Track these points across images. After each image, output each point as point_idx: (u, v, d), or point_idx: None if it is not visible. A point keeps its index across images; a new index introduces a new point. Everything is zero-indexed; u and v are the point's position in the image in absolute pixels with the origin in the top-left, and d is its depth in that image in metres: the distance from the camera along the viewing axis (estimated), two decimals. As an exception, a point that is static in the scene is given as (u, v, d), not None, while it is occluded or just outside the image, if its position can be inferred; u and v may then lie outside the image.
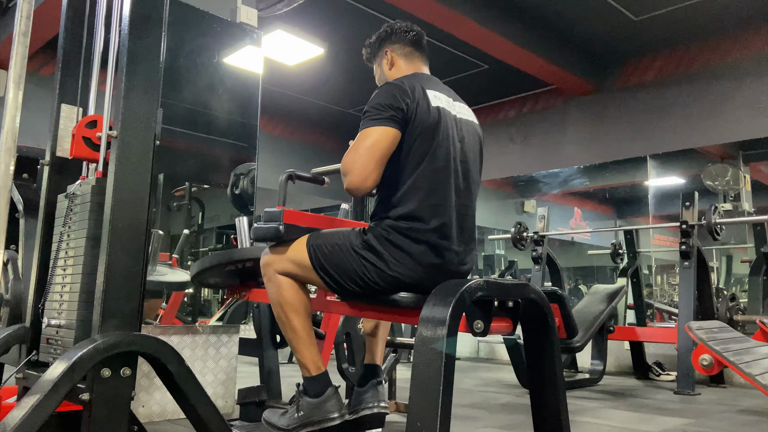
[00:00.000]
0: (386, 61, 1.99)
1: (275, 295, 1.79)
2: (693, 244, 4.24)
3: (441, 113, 1.75)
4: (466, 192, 1.80)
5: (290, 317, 1.76)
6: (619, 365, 5.24)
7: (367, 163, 1.64)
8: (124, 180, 1.53)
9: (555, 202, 9.01)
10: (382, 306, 1.74)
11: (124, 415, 1.46)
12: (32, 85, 3.22)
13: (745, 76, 6.39)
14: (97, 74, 1.84)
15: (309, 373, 1.76)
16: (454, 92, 1.94)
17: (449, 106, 1.82)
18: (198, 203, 4.57)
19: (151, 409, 2.79)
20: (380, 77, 2.02)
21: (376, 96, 1.73)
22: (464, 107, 1.92)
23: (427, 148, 1.70)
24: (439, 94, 1.80)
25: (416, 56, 1.98)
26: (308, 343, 1.77)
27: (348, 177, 1.66)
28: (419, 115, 1.70)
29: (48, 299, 1.74)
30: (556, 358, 1.66)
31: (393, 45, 1.99)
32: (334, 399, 1.75)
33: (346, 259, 1.69)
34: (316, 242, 1.75)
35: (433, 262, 1.67)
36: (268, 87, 7.11)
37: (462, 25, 5.94)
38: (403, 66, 1.96)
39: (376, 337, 2.11)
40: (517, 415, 3.18)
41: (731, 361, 3.20)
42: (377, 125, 1.66)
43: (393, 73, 1.96)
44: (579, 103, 7.60)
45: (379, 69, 2.02)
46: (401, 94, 1.70)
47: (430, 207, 1.68)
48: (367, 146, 1.65)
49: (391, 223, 1.69)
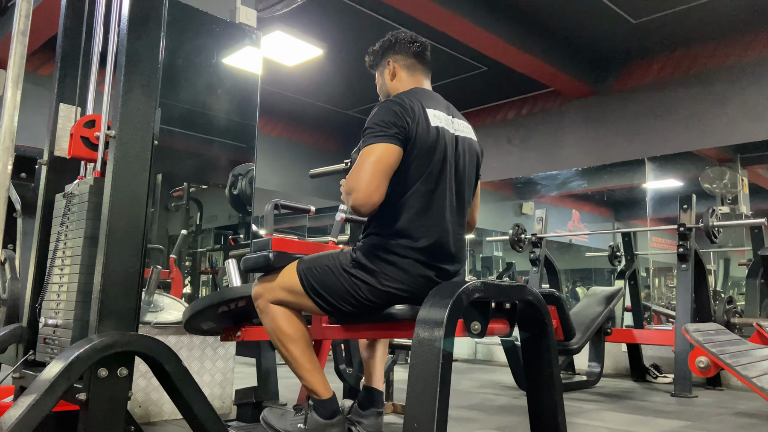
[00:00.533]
0: (388, 71, 1.97)
1: (270, 326, 1.78)
2: (690, 247, 4.25)
3: (439, 133, 1.74)
4: (459, 211, 1.80)
5: (289, 348, 1.75)
6: (616, 367, 5.24)
7: (372, 179, 1.62)
8: (122, 180, 1.53)
9: (553, 204, 9.02)
10: (378, 323, 1.73)
11: (120, 415, 1.46)
12: (31, 85, 3.21)
13: (743, 79, 6.41)
14: (95, 74, 1.84)
15: (319, 397, 1.75)
16: (453, 107, 1.93)
17: (448, 124, 1.80)
18: (196, 203, 4.57)
19: (148, 410, 2.79)
20: (381, 87, 2.00)
21: (378, 113, 1.72)
22: (463, 124, 1.90)
23: (423, 169, 1.70)
24: (438, 113, 1.78)
25: (419, 69, 1.96)
26: (311, 370, 1.75)
27: (353, 195, 1.64)
28: (419, 134, 1.69)
29: (45, 299, 1.73)
30: (554, 359, 1.66)
31: (396, 56, 1.96)
32: (340, 427, 1.74)
33: (337, 280, 1.69)
34: (306, 266, 1.75)
35: (423, 273, 1.67)
36: (267, 88, 7.12)
37: (461, 27, 5.95)
38: (405, 78, 1.94)
39: (374, 359, 2.08)
40: (514, 417, 3.18)
41: (728, 364, 3.20)
42: (381, 142, 1.65)
43: (394, 85, 1.94)
44: (577, 106, 7.61)
45: (381, 78, 2.00)
46: (402, 112, 1.69)
47: (421, 227, 1.68)
48: (371, 162, 1.63)
49: (379, 240, 1.69)
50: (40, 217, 1.86)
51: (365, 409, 2.00)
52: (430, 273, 1.67)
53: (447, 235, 1.73)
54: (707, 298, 4.47)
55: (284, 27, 5.65)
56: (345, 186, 1.71)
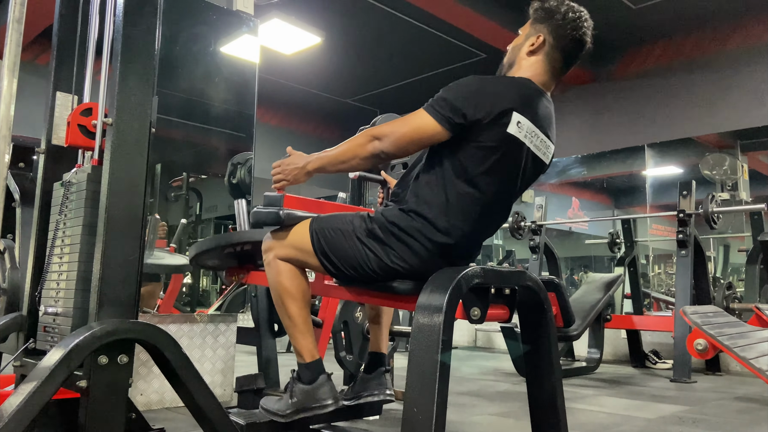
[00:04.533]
0: (531, 42, 1.75)
1: (274, 280, 1.79)
2: (690, 233, 4.25)
3: (510, 143, 1.60)
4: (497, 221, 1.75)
5: (287, 304, 1.76)
6: (615, 354, 5.26)
7: (409, 136, 1.61)
8: (119, 167, 1.52)
9: (553, 192, 9.02)
10: (380, 291, 1.74)
11: (121, 402, 1.47)
12: (27, 74, 3.20)
13: (744, 65, 6.39)
14: (92, 62, 1.83)
15: (303, 360, 1.76)
16: (553, 119, 1.75)
17: (530, 138, 1.64)
18: (195, 193, 4.57)
19: (150, 397, 2.80)
20: (514, 48, 1.80)
21: (456, 85, 1.62)
22: (547, 144, 1.72)
23: (476, 168, 1.60)
24: (525, 121, 1.61)
25: (557, 65, 1.75)
26: (304, 331, 1.76)
27: (387, 138, 1.61)
28: (485, 132, 1.58)
29: (45, 287, 1.74)
30: (553, 346, 1.67)
31: (550, 35, 1.73)
32: (327, 386, 1.74)
33: (347, 245, 1.68)
34: (319, 226, 1.74)
35: (434, 261, 1.64)
36: (265, 76, 7.08)
37: (461, 14, 5.92)
38: (537, 65, 1.74)
39: (379, 325, 2.09)
40: (513, 403, 3.20)
41: (726, 345, 3.20)
42: (435, 119, 1.59)
43: (524, 62, 1.75)
44: (577, 93, 7.59)
45: (521, 40, 1.79)
46: (478, 100, 1.58)
47: (451, 226, 1.62)
48: (416, 126, 1.60)
49: (400, 217, 1.64)
50: (38, 206, 1.86)
51: (370, 372, 2.02)
52: (442, 262, 1.64)
53: (472, 239, 1.69)
54: (707, 284, 4.48)
55: (282, 15, 5.62)
56: (373, 129, 1.65)
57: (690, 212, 4.27)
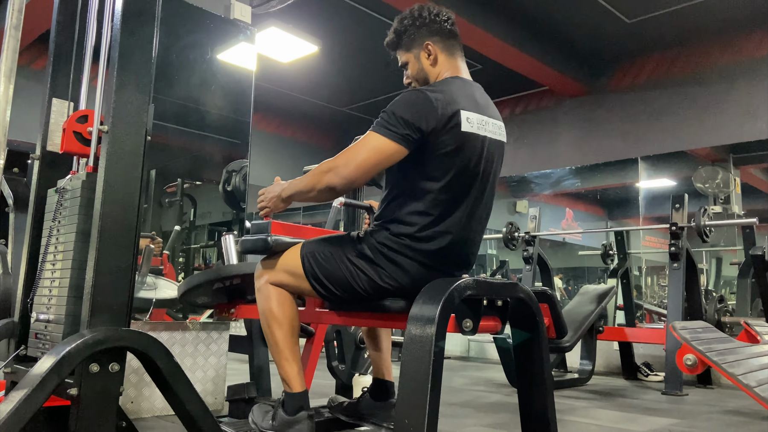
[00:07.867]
0: (426, 55, 1.79)
1: (263, 306, 1.77)
2: (682, 246, 4.27)
3: (468, 140, 1.64)
4: (480, 218, 1.74)
5: (273, 330, 1.73)
6: (608, 365, 5.27)
7: (364, 164, 1.58)
8: (114, 175, 1.53)
9: (547, 203, 9.04)
10: (372, 312, 1.74)
11: (112, 410, 1.46)
12: (23, 79, 3.20)
13: (737, 79, 6.44)
14: (88, 69, 1.84)
15: (289, 390, 1.73)
16: (486, 96, 1.80)
17: (481, 127, 1.68)
18: (190, 200, 4.56)
19: (140, 405, 2.79)
20: (417, 72, 1.82)
21: (401, 104, 1.62)
22: (498, 124, 1.77)
23: (443, 172, 1.62)
24: (471, 115, 1.66)
25: (456, 49, 1.81)
26: (289, 359, 1.73)
27: (338, 169, 1.59)
28: (442, 139, 1.60)
29: (37, 294, 1.73)
30: (545, 357, 1.67)
31: (433, 37, 1.79)
32: (305, 425, 1.70)
33: (338, 266, 1.68)
34: (310, 250, 1.74)
35: (426, 274, 1.64)
36: (262, 84, 7.09)
37: (455, 25, 5.94)
38: (445, 63, 1.79)
39: (380, 351, 2.06)
40: (505, 414, 3.20)
41: (714, 361, 3.22)
42: (387, 137, 1.58)
43: (436, 70, 1.79)
44: (571, 105, 7.64)
45: (417, 63, 1.81)
46: (427, 111, 1.59)
47: (435, 233, 1.64)
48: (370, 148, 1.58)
49: (388, 238, 1.65)
50: (32, 212, 1.86)
51: (377, 400, 1.99)
52: (435, 275, 1.64)
53: (461, 242, 1.69)
54: (698, 297, 4.50)
55: (279, 23, 5.64)
56: (330, 161, 1.62)
57: (682, 225, 4.29)
